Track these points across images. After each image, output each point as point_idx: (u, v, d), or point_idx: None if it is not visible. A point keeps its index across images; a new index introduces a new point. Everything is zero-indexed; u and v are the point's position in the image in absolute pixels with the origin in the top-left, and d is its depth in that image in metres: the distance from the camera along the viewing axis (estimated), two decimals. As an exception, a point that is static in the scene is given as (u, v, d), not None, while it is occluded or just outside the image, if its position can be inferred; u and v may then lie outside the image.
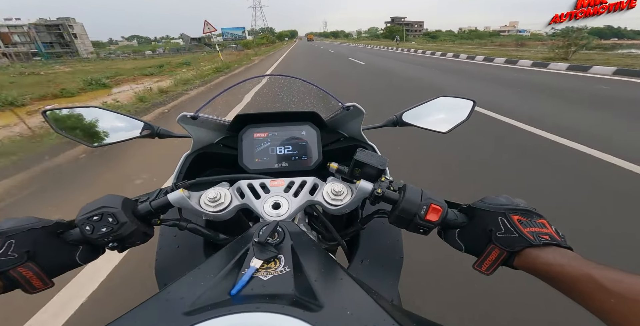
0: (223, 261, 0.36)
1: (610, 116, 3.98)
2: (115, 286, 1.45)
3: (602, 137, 3.12)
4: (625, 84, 6.32)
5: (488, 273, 0.40)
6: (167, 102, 5.79)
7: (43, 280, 0.36)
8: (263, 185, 0.49)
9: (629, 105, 4.50)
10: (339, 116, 0.64)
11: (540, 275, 0.35)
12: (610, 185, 2.20)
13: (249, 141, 0.63)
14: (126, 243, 0.42)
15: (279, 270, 0.33)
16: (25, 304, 1.34)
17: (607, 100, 4.89)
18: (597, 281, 0.29)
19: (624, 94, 5.30)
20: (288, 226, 0.41)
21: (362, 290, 0.32)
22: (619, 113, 4.10)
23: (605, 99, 4.95)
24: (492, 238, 0.39)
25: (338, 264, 0.37)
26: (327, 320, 0.26)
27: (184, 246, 0.57)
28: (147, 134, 0.65)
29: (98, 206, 0.40)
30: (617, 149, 2.77)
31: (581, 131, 3.36)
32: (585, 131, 3.34)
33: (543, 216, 0.40)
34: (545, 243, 0.35)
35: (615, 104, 4.58)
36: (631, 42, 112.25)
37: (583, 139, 3.06)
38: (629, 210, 1.90)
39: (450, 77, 8.35)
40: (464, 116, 0.70)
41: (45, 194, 2.45)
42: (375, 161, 0.45)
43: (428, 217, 0.41)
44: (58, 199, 2.33)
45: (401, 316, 0.30)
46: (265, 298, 0.29)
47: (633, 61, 9.20)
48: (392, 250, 0.57)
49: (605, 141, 3.00)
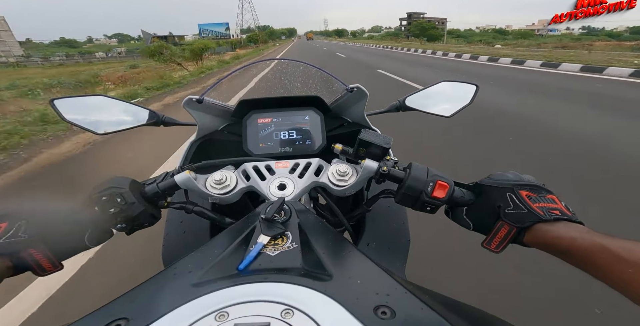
0: (230, 238, 0.36)
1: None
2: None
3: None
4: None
5: (497, 251, 0.39)
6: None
7: (53, 262, 0.36)
8: (268, 167, 0.49)
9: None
10: (343, 99, 0.64)
11: (552, 250, 0.34)
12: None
13: (253, 126, 0.63)
14: (134, 224, 0.42)
15: (287, 246, 0.33)
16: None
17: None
18: (612, 251, 0.29)
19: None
20: (294, 205, 0.41)
21: (370, 261, 0.31)
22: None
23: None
24: (500, 215, 0.38)
25: (345, 239, 0.37)
26: (337, 287, 0.26)
27: (191, 232, 0.57)
28: (152, 122, 0.65)
29: (106, 186, 0.40)
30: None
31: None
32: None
33: (552, 192, 0.39)
34: (555, 217, 0.35)
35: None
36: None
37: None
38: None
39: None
40: (467, 101, 0.70)
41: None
42: (379, 140, 0.45)
43: (435, 194, 0.41)
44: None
45: (411, 285, 0.29)
46: (273, 271, 0.29)
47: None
48: (399, 233, 0.56)
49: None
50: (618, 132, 3.27)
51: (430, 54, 16.71)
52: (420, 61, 12.55)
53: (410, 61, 12.53)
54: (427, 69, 9.78)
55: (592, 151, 2.73)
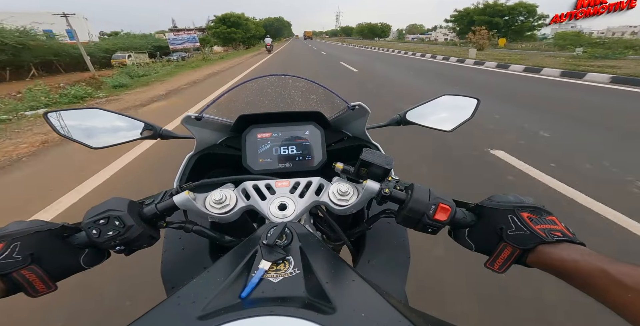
0: (231, 264, 0.36)
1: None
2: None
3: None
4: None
5: (501, 272, 0.39)
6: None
7: (46, 284, 0.36)
8: (268, 186, 0.49)
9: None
10: (344, 115, 0.63)
11: (554, 272, 0.35)
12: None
13: (253, 141, 0.63)
14: (133, 246, 0.41)
15: (289, 272, 0.33)
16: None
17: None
18: (612, 276, 0.29)
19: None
20: (296, 228, 0.41)
21: (374, 291, 0.31)
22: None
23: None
24: (503, 236, 0.38)
25: (348, 266, 0.36)
26: (342, 322, 0.26)
27: (189, 249, 0.57)
28: (150, 136, 0.64)
29: (104, 209, 0.40)
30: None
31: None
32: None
33: (552, 213, 0.40)
34: (558, 239, 0.35)
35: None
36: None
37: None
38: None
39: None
40: (468, 115, 0.69)
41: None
42: (381, 161, 0.45)
43: (437, 216, 0.41)
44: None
45: (415, 316, 0.29)
46: (277, 301, 0.29)
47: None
48: (399, 250, 0.56)
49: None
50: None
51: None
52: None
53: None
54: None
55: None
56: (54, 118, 0.57)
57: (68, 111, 0.60)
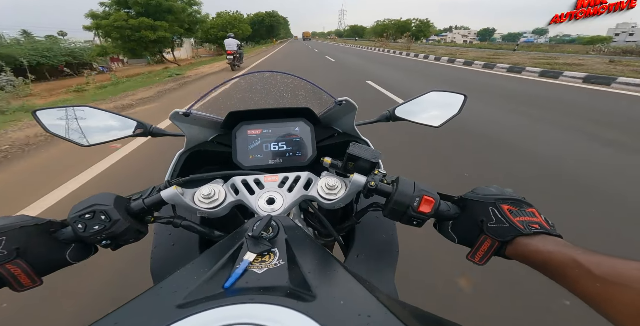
0: (217, 255, 0.36)
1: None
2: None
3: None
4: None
5: (481, 264, 0.40)
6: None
7: (31, 278, 0.36)
8: (257, 181, 0.49)
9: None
10: (332, 111, 0.64)
11: (531, 263, 0.35)
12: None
13: (243, 138, 0.63)
14: (119, 240, 0.42)
15: (273, 263, 0.33)
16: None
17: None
18: (582, 265, 0.29)
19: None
20: (282, 220, 0.41)
21: (354, 280, 0.31)
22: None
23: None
24: (483, 229, 0.39)
25: (332, 256, 0.37)
26: (320, 309, 0.26)
27: (179, 244, 0.57)
28: (140, 133, 0.64)
29: (90, 203, 0.40)
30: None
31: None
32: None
33: (532, 205, 0.40)
34: (535, 231, 0.36)
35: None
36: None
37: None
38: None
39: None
40: (455, 111, 0.70)
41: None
42: (368, 155, 0.45)
43: (421, 208, 0.41)
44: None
45: (394, 305, 0.29)
46: (259, 290, 0.29)
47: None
48: (388, 244, 0.56)
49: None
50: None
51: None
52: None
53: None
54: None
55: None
56: (43, 115, 0.57)
57: (57, 109, 0.60)
